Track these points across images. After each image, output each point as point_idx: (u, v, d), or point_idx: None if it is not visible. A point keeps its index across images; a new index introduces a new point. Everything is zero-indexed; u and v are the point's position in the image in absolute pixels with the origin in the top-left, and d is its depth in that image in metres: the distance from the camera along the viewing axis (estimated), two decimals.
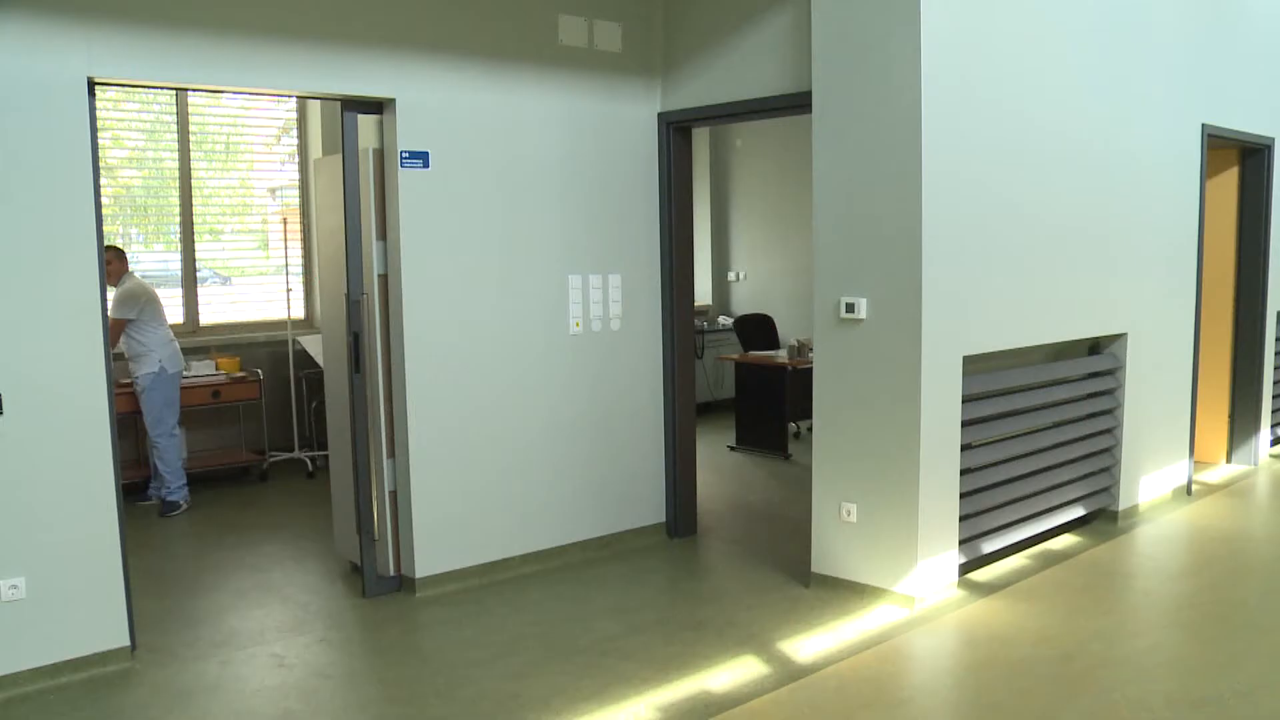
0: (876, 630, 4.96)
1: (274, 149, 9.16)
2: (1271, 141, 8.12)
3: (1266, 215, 8.14)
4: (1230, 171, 8.21)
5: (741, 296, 11.61)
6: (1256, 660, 4.67)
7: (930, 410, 5.14)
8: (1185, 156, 7.09)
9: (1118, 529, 6.59)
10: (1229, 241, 8.25)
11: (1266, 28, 8.08)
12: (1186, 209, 7.17)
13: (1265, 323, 8.30)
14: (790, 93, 5.63)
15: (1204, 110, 7.24)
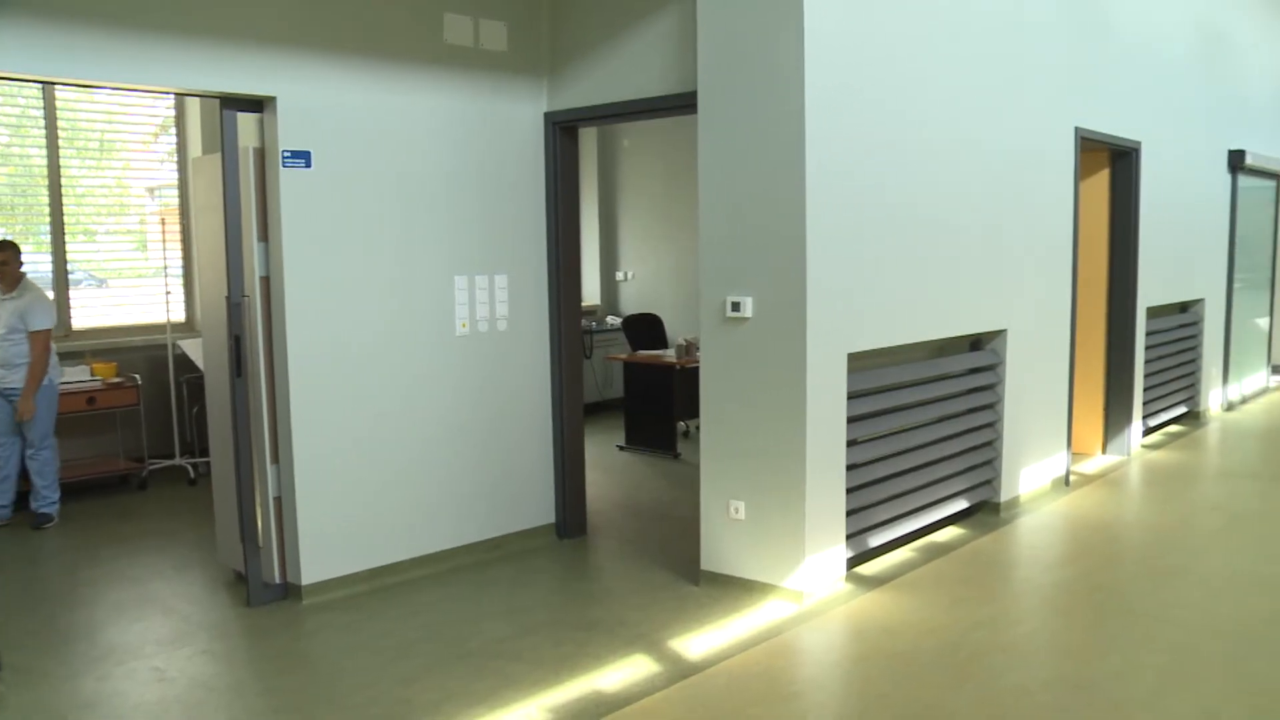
0: (766, 626, 5.01)
1: (152, 147, 8.91)
2: (1139, 145, 8.40)
3: (1135, 215, 8.43)
4: (1102, 173, 8.48)
5: (630, 296, 11.63)
6: (1130, 643, 4.83)
7: (816, 407, 5.21)
8: (1060, 158, 7.30)
9: (999, 520, 6.76)
10: (1102, 240, 8.53)
11: (1133, 37, 8.35)
12: (1062, 209, 7.38)
13: (1136, 318, 8.60)
14: (676, 93, 5.65)
15: (1077, 114, 7.46)
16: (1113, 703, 4.21)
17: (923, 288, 5.97)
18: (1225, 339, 10.84)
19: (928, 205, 5.95)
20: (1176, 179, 9.28)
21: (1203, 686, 4.36)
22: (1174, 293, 9.53)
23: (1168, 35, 9.06)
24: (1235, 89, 10.85)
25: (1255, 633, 4.95)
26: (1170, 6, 9.08)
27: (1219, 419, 10.54)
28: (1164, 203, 8.99)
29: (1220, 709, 4.15)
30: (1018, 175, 6.78)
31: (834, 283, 5.26)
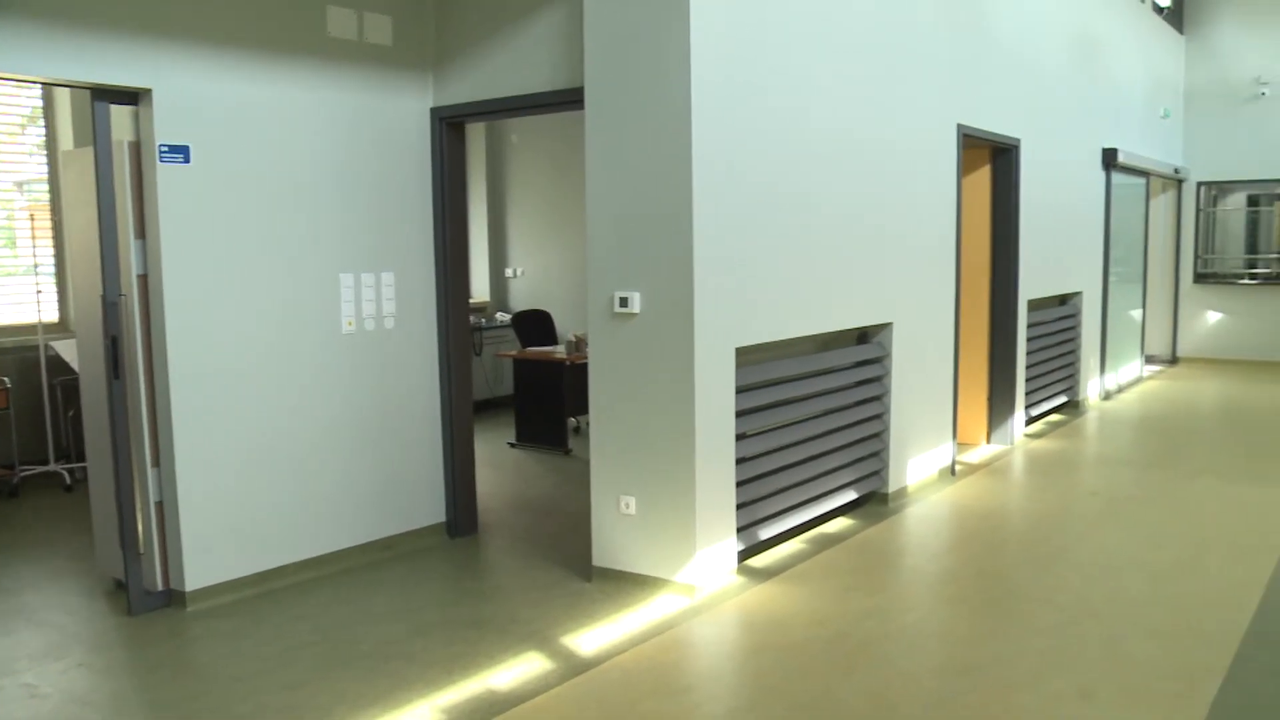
0: (658, 620, 5.02)
1: (19, 139, 8.60)
2: (1019, 142, 8.61)
3: (1016, 210, 8.64)
4: (983, 169, 8.67)
5: (520, 292, 11.57)
6: (1013, 627, 4.95)
7: (704, 402, 5.23)
8: (943, 155, 7.44)
9: (888, 510, 6.87)
10: (984, 235, 8.73)
11: (1012, 39, 8.56)
12: (945, 204, 7.52)
13: (1018, 311, 8.82)
14: (564, 88, 5.63)
15: (959, 111, 7.62)
16: (997, 685, 4.31)
17: (810, 282, 6.04)
18: (1102, 330, 11.18)
19: (814, 201, 6.02)
20: (1054, 176, 9.54)
21: (1080, 666, 4.49)
22: (1053, 286, 9.79)
23: (1045, 38, 9.30)
24: (1108, 91, 11.20)
25: (1130, 613, 5.11)
26: (1047, 11, 9.32)
27: (1097, 408, 10.87)
28: (1043, 199, 9.23)
29: (1096, 687, 4.28)
30: (902, 171, 6.90)
31: (722, 278, 5.29)
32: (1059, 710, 4.11)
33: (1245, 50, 13.98)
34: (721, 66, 5.19)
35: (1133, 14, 12.03)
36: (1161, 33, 13.31)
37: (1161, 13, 13.30)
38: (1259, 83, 13.86)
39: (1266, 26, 13.77)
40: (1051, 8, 9.44)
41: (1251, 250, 14.76)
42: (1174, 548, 6.13)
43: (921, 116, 7.12)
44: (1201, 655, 4.60)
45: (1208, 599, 5.30)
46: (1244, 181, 14.34)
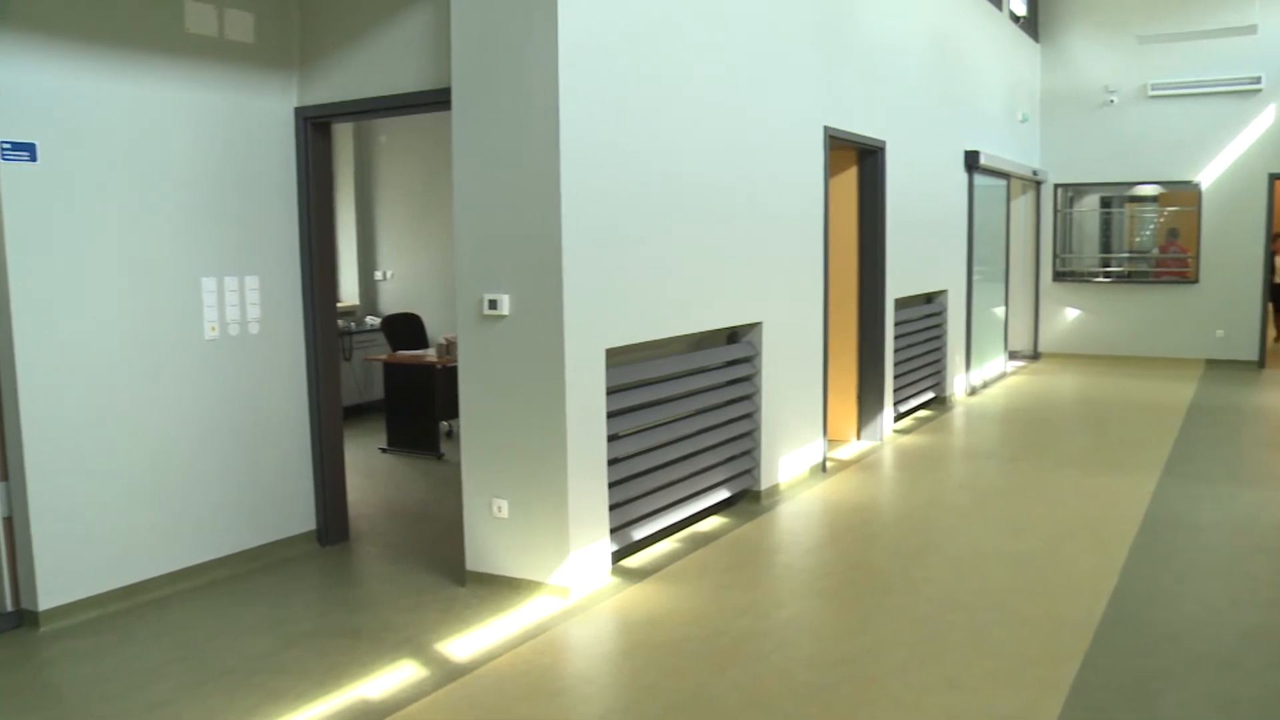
0: (533, 624, 4.99)
1: None
2: (884, 143, 8.78)
3: (882, 211, 8.81)
4: (850, 170, 8.83)
5: (390, 295, 11.41)
6: (885, 619, 5.05)
7: (575, 403, 5.22)
8: (811, 156, 7.55)
9: (760, 508, 6.94)
10: (852, 235, 8.88)
11: (878, 43, 8.73)
12: (813, 205, 7.63)
13: (885, 309, 8.99)
14: (431, 89, 5.56)
15: (826, 114, 7.74)
16: (868, 677, 4.39)
17: (680, 283, 6.06)
18: (967, 327, 11.47)
19: (684, 202, 6.05)
20: (919, 177, 9.76)
21: (948, 655, 4.59)
22: (920, 284, 10.01)
23: (909, 44, 9.51)
24: (970, 95, 11.51)
25: (995, 602, 5.24)
26: (910, 18, 9.54)
27: (963, 403, 11.14)
28: (908, 199, 9.43)
29: (964, 675, 4.39)
30: (770, 173, 6.98)
31: (591, 279, 5.28)
32: (928, 699, 4.20)
33: (1095, 60, 14.51)
34: (590, 68, 5.19)
35: (991, 22, 12.39)
36: (1019, 41, 13.73)
37: (1018, 22, 13.71)
38: (1108, 91, 14.40)
39: (1113, 39, 14.31)
40: (914, 15, 9.66)
41: (1105, 250, 15.31)
42: (1036, 537, 6.31)
43: (789, 119, 7.22)
44: (1062, 640, 4.75)
45: (1068, 586, 5.47)
46: (1097, 184, 14.89)
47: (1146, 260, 15.04)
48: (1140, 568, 5.73)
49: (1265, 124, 13.74)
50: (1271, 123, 13.70)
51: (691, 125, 6.09)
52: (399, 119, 10.01)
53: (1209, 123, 13.99)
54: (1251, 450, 8.92)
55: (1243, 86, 13.73)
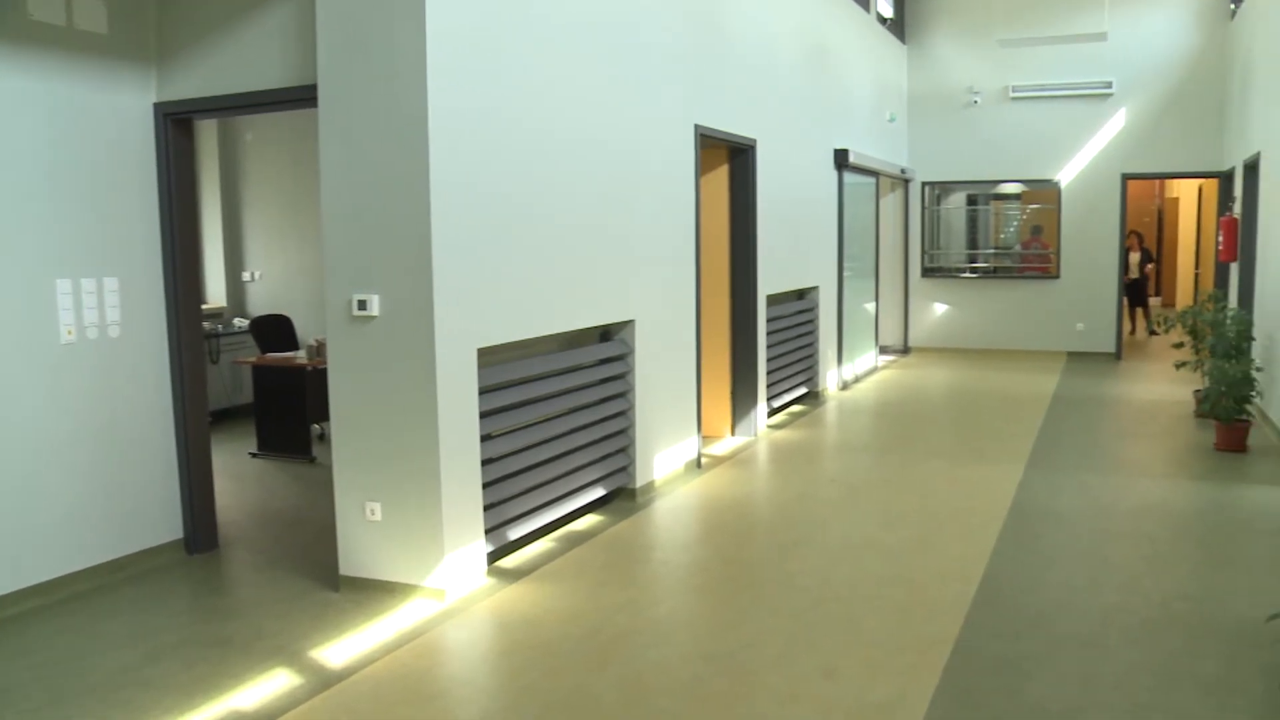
0: (409, 627, 4.93)
1: None
2: (754, 142, 8.88)
3: (753, 208, 8.90)
4: (721, 169, 8.90)
5: (259, 297, 11.16)
6: (760, 612, 5.10)
7: (447, 404, 5.17)
8: (682, 154, 7.59)
9: (636, 505, 6.96)
10: (724, 232, 8.95)
11: (748, 42, 8.82)
12: (684, 203, 7.67)
13: (757, 306, 9.09)
14: (297, 85, 5.44)
15: (697, 112, 7.79)
16: (745, 669, 4.43)
17: (552, 282, 6.05)
18: (839, 323, 11.66)
19: (555, 201, 6.03)
20: (790, 175, 9.89)
21: (824, 646, 4.66)
22: (791, 281, 10.14)
23: (778, 44, 9.63)
24: (839, 95, 11.70)
25: (869, 593, 5.34)
26: (780, 18, 9.65)
27: (836, 397, 11.33)
28: (779, 197, 9.55)
29: (839, 665, 4.46)
30: (642, 171, 7.00)
31: (462, 279, 5.23)
32: (804, 689, 4.26)
33: (959, 62, 14.90)
34: (458, 66, 5.14)
35: (859, 24, 12.62)
36: (886, 42, 14.02)
37: (885, 23, 14.00)
38: (972, 92, 14.81)
39: (975, 41, 14.72)
40: (784, 15, 9.79)
41: (972, 246, 15.73)
42: (908, 528, 6.45)
43: (660, 117, 7.25)
44: (933, 626, 4.86)
45: (939, 574, 5.60)
46: (963, 182, 15.29)
47: (1011, 256, 15.48)
48: (1007, 555, 5.90)
49: (1117, 126, 14.29)
50: (1123, 125, 14.25)
51: (562, 123, 6.07)
52: (267, 116, 9.79)
53: (1066, 124, 14.49)
54: (1110, 440, 9.24)
55: (1096, 91, 14.27)
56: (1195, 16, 13.89)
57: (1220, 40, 13.75)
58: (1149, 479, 7.68)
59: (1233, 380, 8.47)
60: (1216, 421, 8.63)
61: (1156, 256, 20.75)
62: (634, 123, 6.88)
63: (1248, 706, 4.08)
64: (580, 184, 6.28)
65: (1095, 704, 4.10)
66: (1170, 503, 6.98)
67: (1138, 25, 14.00)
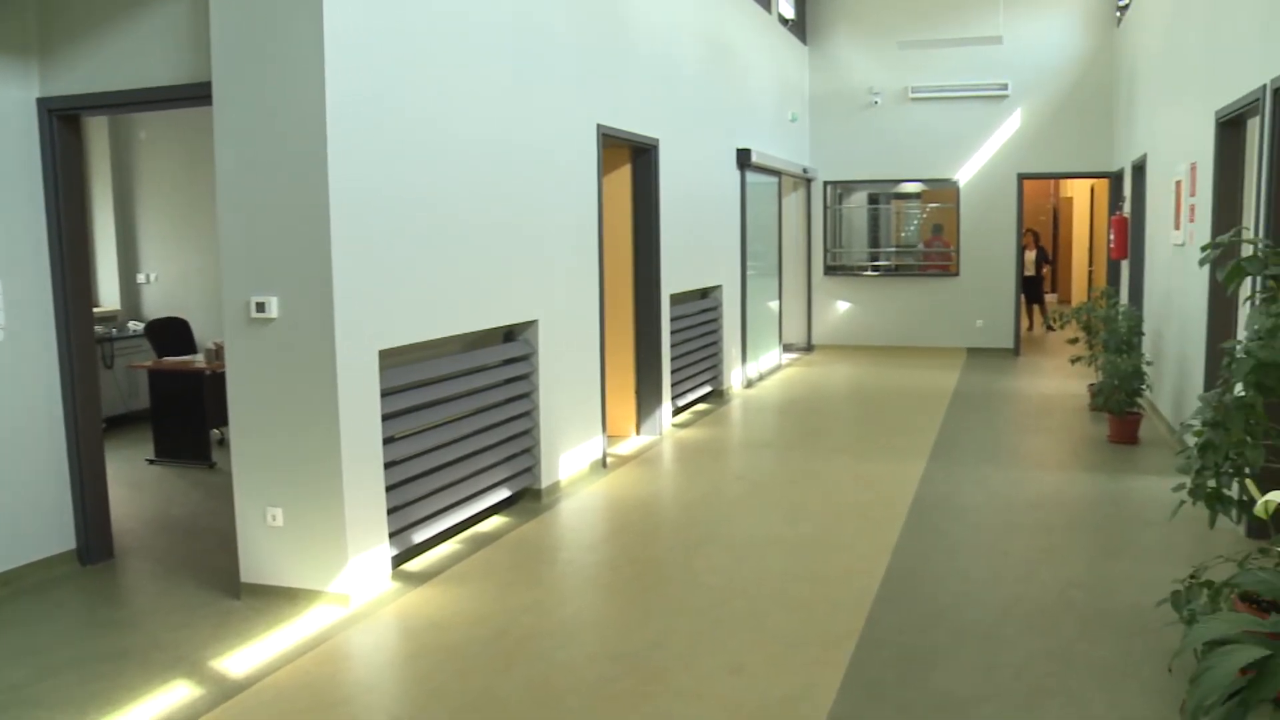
0: (313, 634, 4.85)
1: None
2: (657, 142, 8.90)
3: (656, 208, 8.92)
4: (624, 169, 8.90)
5: (154, 299, 10.89)
6: (666, 610, 5.11)
7: (349, 407, 5.09)
8: (584, 154, 7.58)
9: (542, 506, 6.93)
10: (627, 232, 8.96)
11: (650, 43, 8.84)
12: (587, 203, 7.66)
13: (661, 305, 9.11)
14: (190, 83, 5.31)
15: (599, 112, 7.78)
16: (652, 668, 4.44)
17: (454, 282, 6.00)
18: (742, 321, 11.74)
19: (457, 201, 5.98)
20: (692, 175, 9.93)
21: (730, 643, 4.69)
22: (695, 280, 10.18)
23: (680, 44, 9.66)
24: (741, 95, 11.78)
25: (774, 589, 5.38)
26: (681, 18, 9.69)
27: (740, 395, 11.40)
28: (682, 196, 9.59)
29: (745, 661, 4.49)
30: (544, 171, 6.97)
31: (362, 280, 5.16)
32: (711, 686, 4.27)
33: (860, 62, 15.11)
34: (357, 63, 5.06)
35: (761, 24, 12.72)
36: (788, 43, 14.15)
37: (786, 24, 14.13)
38: (872, 92, 15.02)
39: (875, 42, 14.95)
40: (685, 15, 9.82)
41: (874, 244, 15.96)
42: (812, 523, 6.51)
43: (562, 117, 7.23)
44: (838, 621, 4.91)
45: (843, 569, 5.66)
46: (864, 181, 15.50)
47: (912, 254, 15.73)
48: (910, 548, 5.99)
49: (1013, 127, 14.61)
50: (1019, 126, 14.59)
51: (464, 122, 6.03)
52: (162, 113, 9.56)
53: (964, 125, 14.79)
54: (1009, 434, 9.43)
55: (993, 92, 14.58)
56: (1085, 23, 14.27)
57: (1109, 46, 14.14)
58: (1046, 471, 7.86)
59: (1124, 374, 8.71)
60: (1109, 415, 8.86)
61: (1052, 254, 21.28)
62: (537, 122, 6.86)
63: (1139, 689, 4.19)
64: (483, 184, 6.24)
65: (997, 692, 4.18)
66: (1066, 494, 7.15)
67: (1031, 30, 14.33)
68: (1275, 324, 4.17)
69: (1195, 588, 4.33)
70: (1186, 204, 8.22)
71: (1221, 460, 4.46)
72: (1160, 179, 9.74)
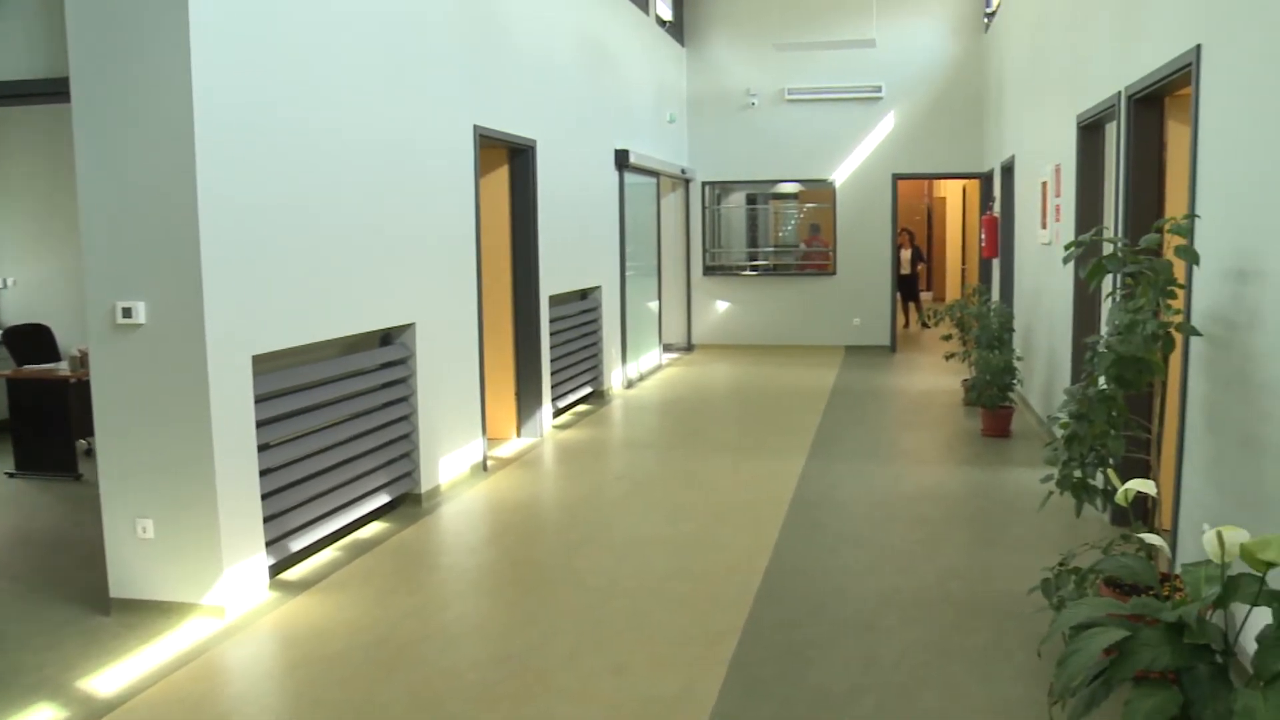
0: (187, 648, 4.72)
1: None
2: (535, 143, 8.86)
3: (534, 209, 8.89)
4: (502, 169, 8.85)
5: (12, 305, 10.48)
6: (549, 613, 5.10)
7: (221, 413, 4.97)
8: (461, 155, 7.51)
9: (422, 510, 6.85)
10: (505, 233, 8.91)
11: (527, 43, 8.81)
12: (464, 204, 7.60)
13: (540, 306, 9.08)
14: (48, 77, 5.13)
15: (476, 113, 7.72)
16: (535, 670, 4.42)
17: (330, 284, 5.89)
18: (622, 322, 11.77)
19: (332, 203, 5.88)
20: (570, 175, 9.92)
21: (613, 643, 4.69)
22: (574, 281, 10.17)
23: (557, 45, 9.64)
24: (619, 95, 11.81)
25: (656, 588, 5.40)
26: (558, 19, 9.67)
27: (621, 396, 11.43)
28: (561, 197, 9.57)
29: (628, 660, 4.50)
30: (420, 172, 6.89)
31: (234, 283, 5.04)
32: (594, 686, 4.28)
33: (736, 64, 15.26)
34: (226, 59, 4.94)
35: (638, 25, 12.76)
36: (665, 44, 14.23)
37: (664, 26, 14.21)
38: (749, 94, 15.18)
39: (751, 44, 15.11)
40: (563, 16, 9.81)
41: (752, 244, 16.14)
42: (694, 522, 6.55)
43: (439, 118, 7.16)
44: (720, 618, 4.96)
45: (725, 566, 5.71)
46: (742, 182, 15.67)
47: (791, 254, 15.94)
48: (790, 544, 6.06)
49: (887, 129, 14.92)
50: (893, 128, 14.90)
51: (339, 122, 5.93)
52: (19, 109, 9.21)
53: (840, 126, 15.04)
54: (886, 430, 9.61)
55: (867, 94, 14.87)
56: (954, 29, 14.63)
57: (977, 51, 14.52)
58: (923, 465, 8.03)
59: (996, 369, 8.95)
60: (983, 409, 9.09)
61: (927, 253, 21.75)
62: (413, 122, 6.78)
63: (1013, 674, 4.31)
64: (358, 185, 6.14)
65: (876, 683, 4.25)
66: (942, 487, 7.31)
67: (903, 34, 14.65)
68: (1133, 320, 4.32)
69: (1064, 574, 4.46)
70: (1052, 204, 8.48)
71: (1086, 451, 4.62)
72: (1027, 180, 10.02)
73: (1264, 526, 3.90)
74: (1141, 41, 5.80)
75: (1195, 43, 4.84)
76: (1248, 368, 4.15)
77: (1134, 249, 4.55)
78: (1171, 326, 4.38)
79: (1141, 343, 4.29)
